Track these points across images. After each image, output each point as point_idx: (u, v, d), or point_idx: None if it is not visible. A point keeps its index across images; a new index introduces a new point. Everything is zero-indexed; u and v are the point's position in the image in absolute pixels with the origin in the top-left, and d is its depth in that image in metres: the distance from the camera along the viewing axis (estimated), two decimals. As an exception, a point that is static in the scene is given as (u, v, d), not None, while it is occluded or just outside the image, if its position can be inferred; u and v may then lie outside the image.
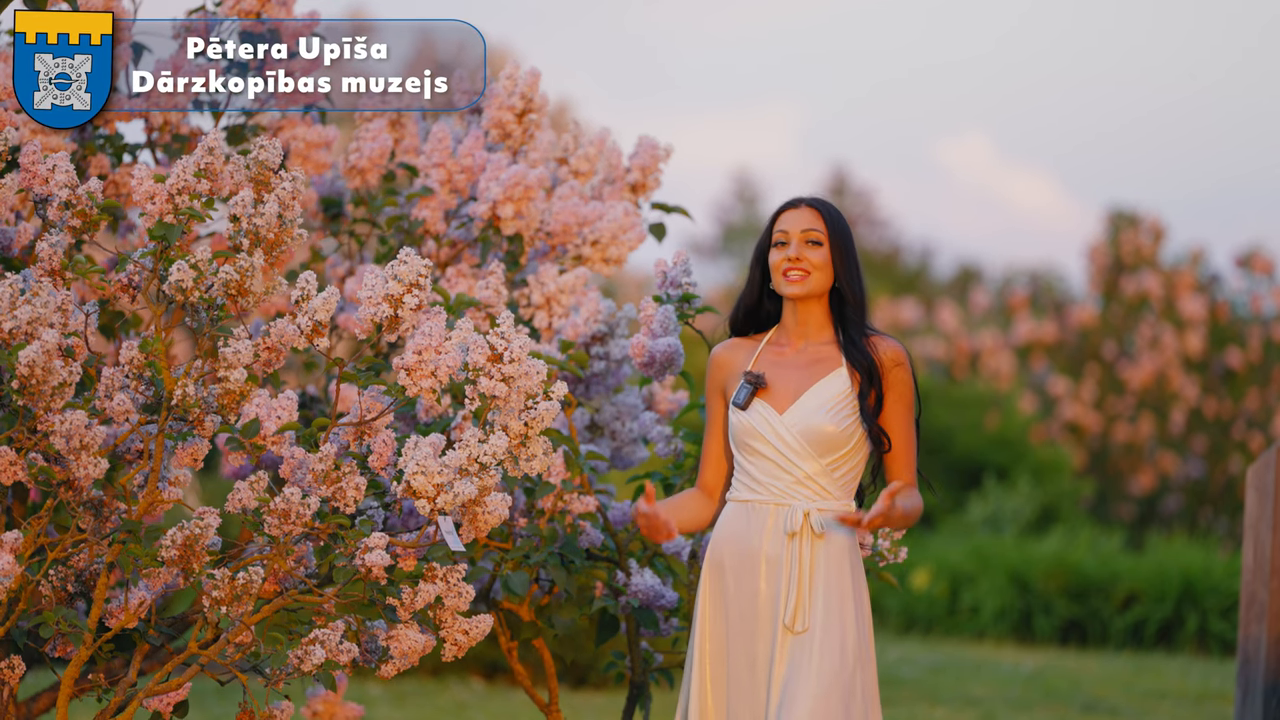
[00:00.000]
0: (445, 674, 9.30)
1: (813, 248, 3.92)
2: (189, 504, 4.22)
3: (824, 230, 3.93)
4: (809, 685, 3.77)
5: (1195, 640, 11.38)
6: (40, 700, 4.46)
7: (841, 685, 3.78)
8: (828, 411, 3.88)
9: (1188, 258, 16.76)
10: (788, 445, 3.88)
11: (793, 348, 3.97)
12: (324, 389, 5.10)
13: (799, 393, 3.91)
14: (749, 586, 3.88)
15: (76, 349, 3.85)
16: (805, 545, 3.87)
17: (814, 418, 3.88)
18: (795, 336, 3.97)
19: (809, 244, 3.92)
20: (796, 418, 3.89)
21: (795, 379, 3.93)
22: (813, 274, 3.92)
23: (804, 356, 3.96)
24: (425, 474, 3.70)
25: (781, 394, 3.92)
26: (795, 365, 3.95)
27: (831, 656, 3.79)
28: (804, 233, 3.92)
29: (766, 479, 3.91)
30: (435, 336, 3.85)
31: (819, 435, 3.87)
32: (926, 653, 10.91)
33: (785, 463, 3.88)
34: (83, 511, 3.88)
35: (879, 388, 3.91)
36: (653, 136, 5.19)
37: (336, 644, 3.87)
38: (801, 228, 3.93)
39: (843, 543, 3.87)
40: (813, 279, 3.92)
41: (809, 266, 3.91)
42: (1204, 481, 15.89)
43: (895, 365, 3.92)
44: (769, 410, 3.91)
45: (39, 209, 4.13)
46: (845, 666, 3.79)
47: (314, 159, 5.07)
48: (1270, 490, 5.49)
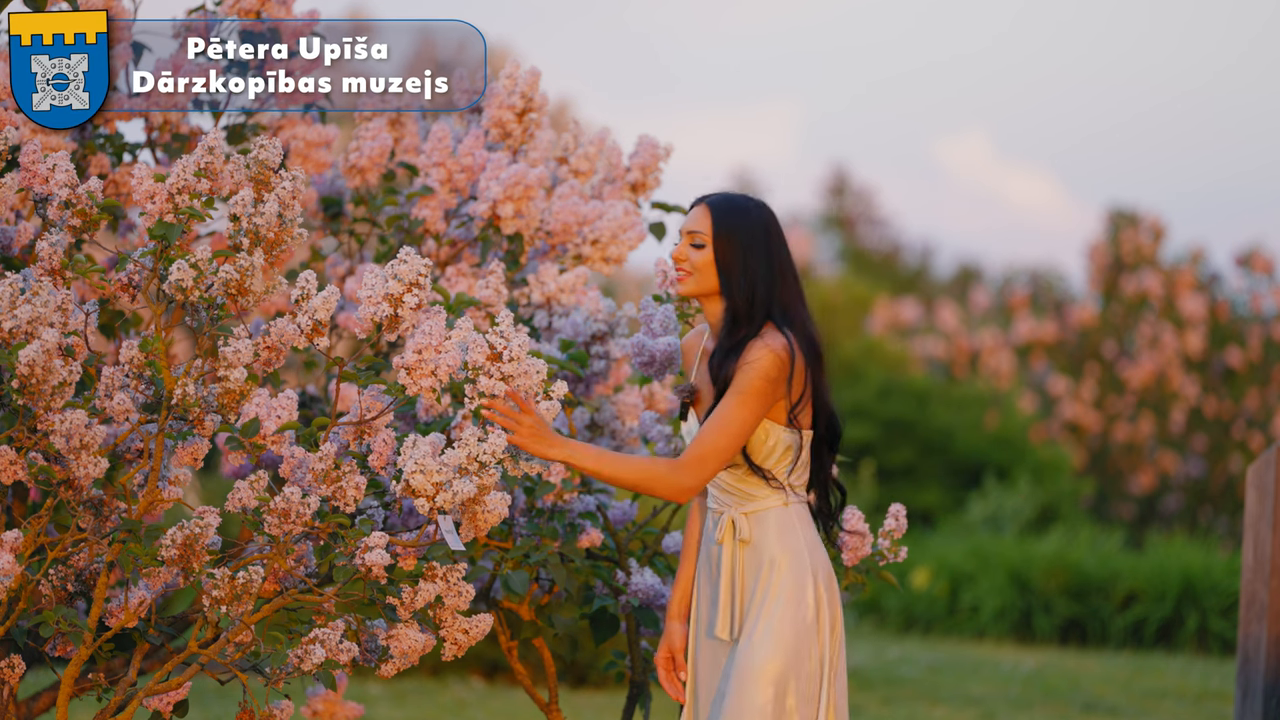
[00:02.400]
0: (445, 673, 9.31)
1: (696, 249, 3.86)
2: (189, 503, 4.22)
3: (708, 231, 3.85)
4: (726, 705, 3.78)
5: (1195, 640, 11.38)
6: (40, 699, 4.46)
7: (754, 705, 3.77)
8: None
9: (1188, 257, 16.76)
10: None
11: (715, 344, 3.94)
12: (324, 388, 5.10)
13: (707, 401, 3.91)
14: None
15: (76, 348, 3.85)
16: (733, 552, 3.87)
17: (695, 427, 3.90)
18: (713, 335, 3.94)
19: (693, 246, 3.87)
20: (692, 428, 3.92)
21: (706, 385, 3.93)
22: (693, 274, 3.86)
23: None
24: (424, 472, 3.70)
25: (705, 403, 3.93)
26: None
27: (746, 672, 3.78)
28: (690, 234, 3.88)
29: (711, 489, 3.94)
30: (435, 335, 3.85)
31: None
32: (926, 652, 10.91)
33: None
34: (83, 511, 3.88)
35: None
36: (653, 135, 5.19)
37: (336, 643, 3.87)
38: (689, 228, 3.89)
39: (775, 550, 3.84)
40: (692, 280, 3.87)
41: (689, 267, 3.87)
42: (1204, 481, 15.89)
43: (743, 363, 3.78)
44: (695, 421, 3.93)
45: (39, 208, 4.13)
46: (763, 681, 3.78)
47: (314, 158, 5.07)
48: (1270, 489, 5.49)
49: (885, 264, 28.68)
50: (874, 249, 29.39)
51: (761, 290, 3.82)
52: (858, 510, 4.37)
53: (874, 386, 15.80)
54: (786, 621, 3.80)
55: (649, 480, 3.76)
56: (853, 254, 28.89)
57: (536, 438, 3.76)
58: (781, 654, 3.78)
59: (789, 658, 3.79)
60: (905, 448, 15.52)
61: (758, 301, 3.82)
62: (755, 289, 3.82)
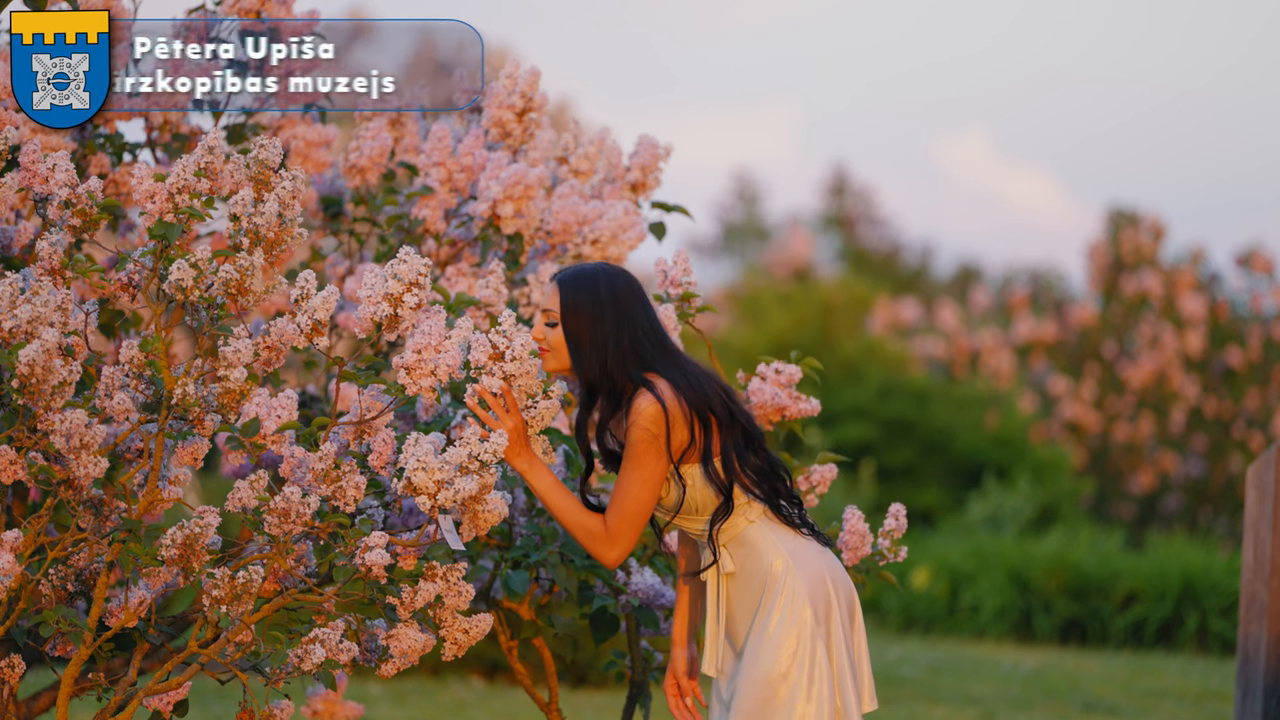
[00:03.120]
0: (445, 673, 9.31)
1: (550, 328, 3.88)
2: (189, 503, 4.22)
3: (557, 310, 3.86)
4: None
5: (1195, 639, 11.38)
6: (40, 699, 4.46)
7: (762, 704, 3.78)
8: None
9: (1188, 256, 16.77)
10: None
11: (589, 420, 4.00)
12: (324, 388, 5.10)
13: None
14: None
15: (76, 348, 3.85)
16: (718, 583, 3.89)
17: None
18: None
19: (547, 324, 3.88)
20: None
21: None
22: (551, 352, 3.88)
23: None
24: (426, 470, 3.70)
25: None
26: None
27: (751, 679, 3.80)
28: (544, 312, 3.89)
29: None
30: (435, 335, 3.85)
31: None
32: (926, 652, 10.91)
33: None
34: (83, 510, 3.88)
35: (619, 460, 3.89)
36: (652, 135, 5.19)
37: (336, 643, 3.87)
38: (544, 306, 3.90)
39: (758, 567, 3.84)
40: (551, 357, 3.88)
41: (547, 345, 3.88)
42: (1204, 481, 15.89)
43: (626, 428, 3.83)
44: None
45: (39, 208, 4.13)
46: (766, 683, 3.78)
47: (314, 158, 5.07)
48: (1270, 489, 5.49)
49: (885, 264, 28.68)
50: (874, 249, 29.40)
51: (613, 358, 3.82)
52: (858, 510, 4.37)
53: (874, 386, 15.80)
54: (787, 627, 3.79)
55: (583, 535, 3.83)
56: (853, 254, 28.91)
57: (512, 442, 3.80)
58: (785, 657, 3.78)
59: (790, 660, 3.78)
60: (905, 448, 15.52)
61: (611, 370, 3.82)
62: (606, 359, 3.82)
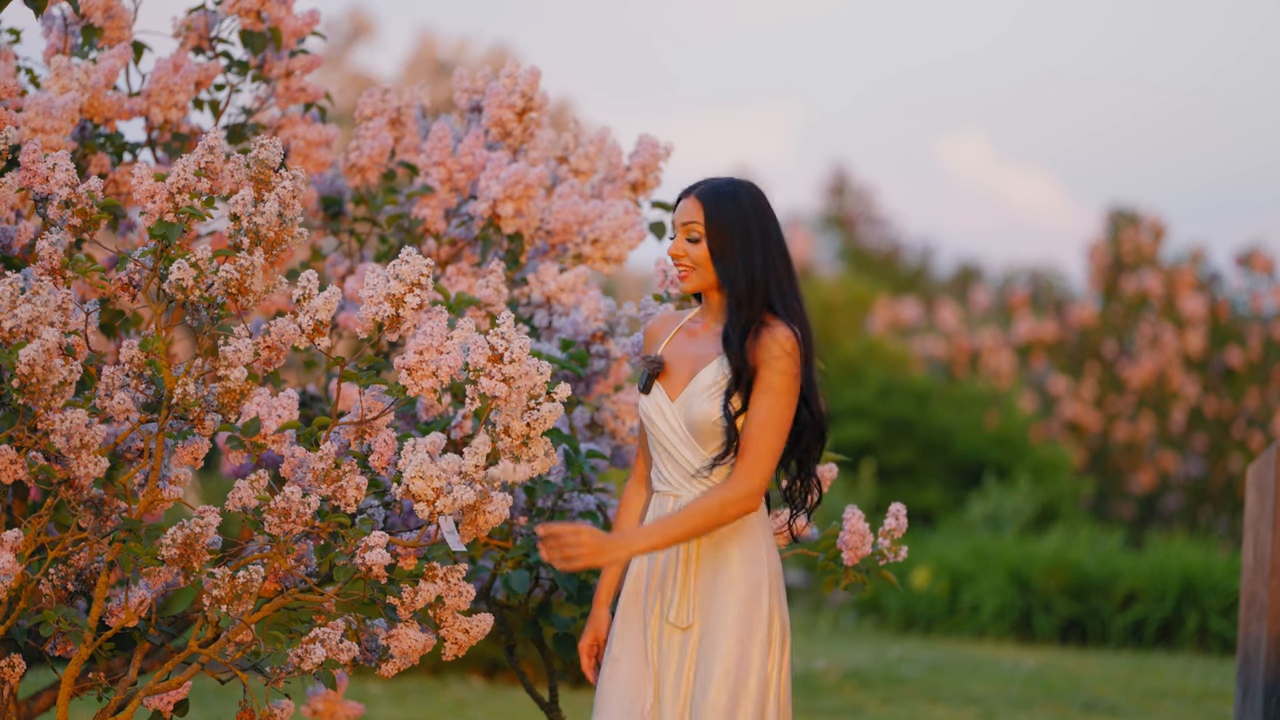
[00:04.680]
0: (445, 672, 9.31)
1: (692, 244, 3.82)
2: (189, 503, 4.22)
3: (701, 223, 3.81)
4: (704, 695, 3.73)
5: (1195, 639, 11.38)
6: (40, 699, 4.46)
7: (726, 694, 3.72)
8: (708, 399, 3.77)
9: (1188, 256, 16.77)
10: (675, 433, 3.80)
11: (705, 329, 3.88)
12: (324, 388, 5.10)
13: (690, 378, 3.82)
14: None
15: (77, 348, 3.85)
16: (692, 543, 3.81)
17: (693, 403, 3.78)
18: (709, 318, 3.88)
19: (688, 240, 3.83)
20: (680, 403, 3.80)
21: (691, 364, 3.84)
22: (696, 269, 3.82)
23: (708, 342, 3.85)
24: (424, 478, 3.70)
25: (677, 379, 3.84)
26: (696, 349, 3.85)
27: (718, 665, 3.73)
28: (684, 227, 3.83)
29: (665, 470, 3.85)
30: (437, 336, 3.84)
31: (696, 422, 3.77)
32: (926, 651, 10.91)
33: (676, 454, 3.81)
34: (83, 510, 3.88)
35: (747, 385, 3.76)
36: (653, 135, 5.19)
37: (337, 643, 3.87)
38: (682, 221, 3.84)
39: (731, 548, 3.79)
40: (695, 275, 3.82)
41: (691, 262, 3.82)
42: (1204, 480, 15.89)
43: (768, 357, 3.74)
44: (663, 395, 3.84)
45: (39, 207, 4.13)
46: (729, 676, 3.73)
47: (314, 157, 5.07)
48: (1270, 489, 5.48)
49: (885, 264, 28.69)
50: (874, 249, 29.40)
51: (759, 275, 3.79)
52: (858, 510, 4.36)
53: (874, 386, 15.80)
54: (746, 623, 3.75)
55: (719, 514, 3.72)
56: (853, 254, 28.91)
57: (601, 550, 3.68)
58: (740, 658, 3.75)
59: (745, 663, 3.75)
60: (905, 447, 15.52)
61: (756, 287, 3.79)
62: (753, 274, 3.79)
